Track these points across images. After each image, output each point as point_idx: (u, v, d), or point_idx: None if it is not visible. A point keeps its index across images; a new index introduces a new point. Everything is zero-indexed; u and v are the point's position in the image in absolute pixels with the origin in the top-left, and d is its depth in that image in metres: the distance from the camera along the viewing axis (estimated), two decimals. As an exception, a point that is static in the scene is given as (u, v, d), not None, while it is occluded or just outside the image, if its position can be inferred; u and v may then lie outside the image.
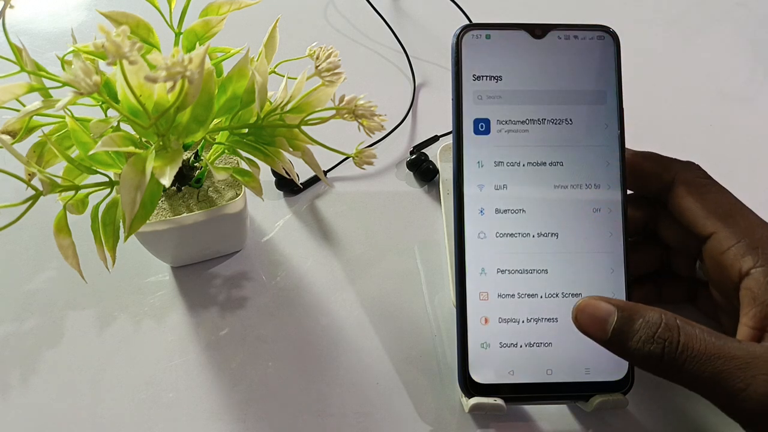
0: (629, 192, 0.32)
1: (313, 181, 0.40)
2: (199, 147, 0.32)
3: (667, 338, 0.24)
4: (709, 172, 0.29)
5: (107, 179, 0.28)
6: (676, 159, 0.30)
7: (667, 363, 0.24)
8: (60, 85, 0.22)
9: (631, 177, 0.30)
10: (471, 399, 0.29)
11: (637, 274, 0.32)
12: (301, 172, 0.40)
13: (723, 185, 0.29)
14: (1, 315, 0.34)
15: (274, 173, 0.39)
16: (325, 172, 0.41)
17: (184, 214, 0.31)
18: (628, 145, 0.30)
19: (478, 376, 0.29)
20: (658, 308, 0.25)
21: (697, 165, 0.29)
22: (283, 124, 0.27)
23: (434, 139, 0.43)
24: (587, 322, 0.25)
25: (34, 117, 0.27)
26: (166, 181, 0.22)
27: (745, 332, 0.25)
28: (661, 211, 0.31)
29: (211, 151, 0.31)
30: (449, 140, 0.42)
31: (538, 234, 0.29)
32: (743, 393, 0.23)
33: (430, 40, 0.50)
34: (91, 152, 0.24)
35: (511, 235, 0.29)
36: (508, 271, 0.29)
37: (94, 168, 0.27)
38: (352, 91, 0.27)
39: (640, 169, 0.30)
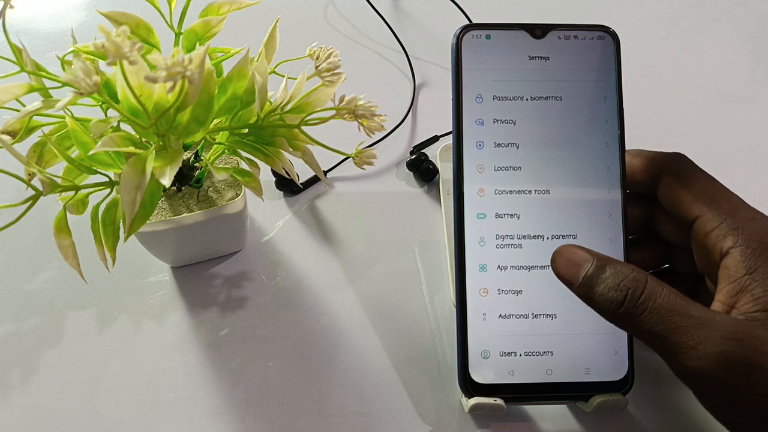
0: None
1: (313, 181, 0.40)
2: (199, 147, 0.32)
3: (632, 287, 0.24)
4: (708, 172, 0.29)
5: (107, 179, 0.28)
6: (661, 152, 0.30)
7: (626, 312, 0.24)
8: (60, 85, 0.22)
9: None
10: (471, 399, 0.29)
11: None
12: (301, 172, 0.40)
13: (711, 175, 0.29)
14: (1, 315, 0.34)
15: (274, 173, 0.39)
16: (325, 172, 0.41)
17: (184, 214, 0.31)
18: (628, 145, 0.30)
19: (478, 376, 0.29)
20: (634, 265, 0.25)
21: (683, 155, 0.30)
22: (283, 124, 0.27)
23: (434, 139, 0.43)
24: (562, 265, 0.26)
25: (34, 117, 0.27)
26: (166, 181, 0.22)
27: (717, 307, 0.26)
28: (658, 207, 0.31)
29: (211, 151, 0.31)
30: (449, 140, 0.42)
31: (537, 233, 0.29)
32: (691, 351, 0.23)
33: (430, 40, 0.50)
34: (91, 152, 0.24)
35: (511, 234, 0.29)
36: (508, 269, 0.29)
37: (94, 168, 0.27)
38: (352, 91, 0.27)
39: (628, 165, 0.30)
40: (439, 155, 0.40)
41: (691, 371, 0.23)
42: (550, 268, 0.29)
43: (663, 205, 0.30)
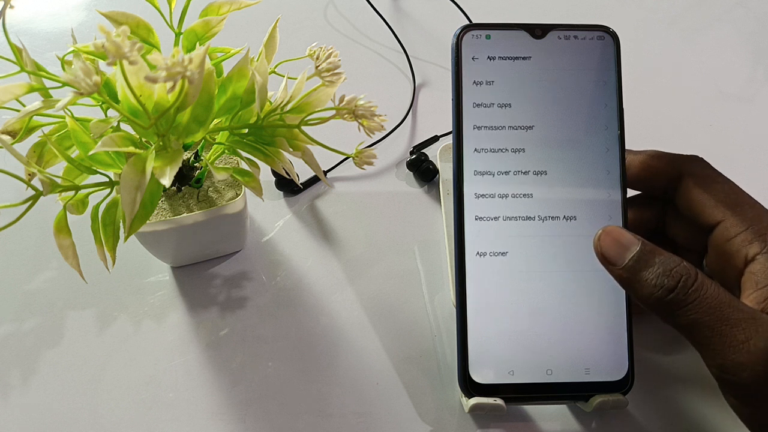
0: (637, 192, 0.32)
1: (313, 181, 0.40)
2: (199, 147, 0.32)
3: (685, 274, 0.24)
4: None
5: (107, 179, 0.28)
6: (680, 154, 0.30)
7: (676, 298, 0.24)
8: (60, 85, 0.22)
9: (641, 176, 0.30)
10: (471, 399, 0.29)
11: None
12: (301, 172, 0.40)
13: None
14: (1, 315, 0.34)
15: (274, 173, 0.39)
16: (325, 172, 0.41)
17: (184, 214, 0.31)
18: (629, 145, 0.30)
19: (478, 376, 0.29)
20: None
21: (702, 158, 0.30)
22: (283, 124, 0.27)
23: (434, 139, 0.43)
24: (608, 244, 0.26)
25: (34, 117, 0.27)
26: (166, 181, 0.22)
27: None
28: (669, 209, 0.31)
29: (211, 151, 0.31)
30: (449, 140, 0.42)
31: (537, 234, 0.29)
32: (742, 345, 0.23)
33: (430, 40, 0.50)
34: (91, 152, 0.24)
35: (511, 234, 0.29)
36: (509, 269, 0.29)
37: (94, 168, 0.27)
38: (352, 91, 0.27)
39: (647, 166, 0.30)
40: (439, 155, 0.40)
41: (738, 366, 0.23)
42: (550, 269, 0.29)
43: (680, 208, 0.29)
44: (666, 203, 0.31)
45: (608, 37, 0.30)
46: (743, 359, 0.23)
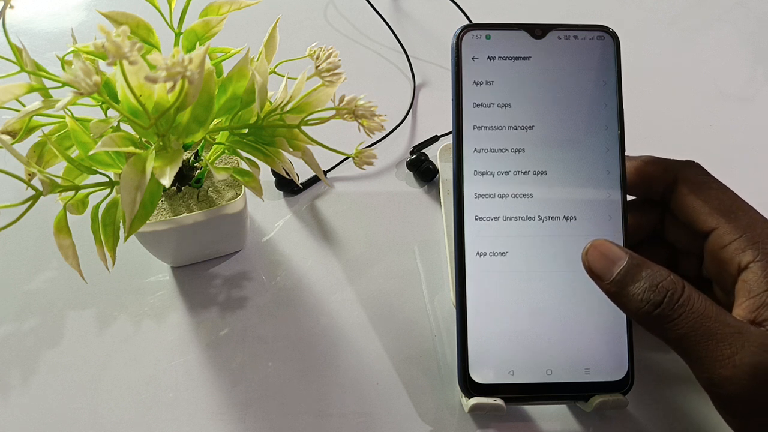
0: (635, 197, 0.32)
1: (313, 181, 0.40)
2: (199, 147, 0.32)
3: (671, 289, 0.24)
4: (721, 181, 0.29)
5: (107, 179, 0.28)
6: (676, 159, 0.30)
7: (662, 313, 0.24)
8: (60, 85, 0.22)
9: (636, 182, 0.30)
10: (471, 399, 0.29)
11: None
12: (301, 172, 0.40)
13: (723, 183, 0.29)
14: (1, 315, 0.34)
15: (274, 173, 0.39)
16: (325, 172, 0.41)
17: (184, 214, 0.31)
18: (628, 145, 0.30)
19: (478, 376, 0.29)
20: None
21: (697, 163, 0.30)
22: (283, 124, 0.27)
23: (434, 139, 0.43)
24: (596, 259, 0.26)
25: (34, 117, 0.27)
26: (166, 181, 0.22)
27: None
28: (667, 213, 0.31)
29: (211, 151, 0.31)
30: (449, 140, 0.42)
31: (537, 234, 0.29)
32: (728, 360, 0.23)
33: (430, 40, 0.50)
34: (91, 152, 0.24)
35: (511, 235, 0.29)
36: (508, 270, 0.29)
37: (94, 168, 0.27)
38: (352, 91, 0.27)
39: (642, 172, 0.30)
40: (439, 155, 0.40)
41: (724, 380, 0.23)
42: (549, 269, 0.29)
43: (676, 214, 0.29)
44: (665, 207, 0.31)
45: (608, 37, 0.30)
46: (729, 374, 0.23)
